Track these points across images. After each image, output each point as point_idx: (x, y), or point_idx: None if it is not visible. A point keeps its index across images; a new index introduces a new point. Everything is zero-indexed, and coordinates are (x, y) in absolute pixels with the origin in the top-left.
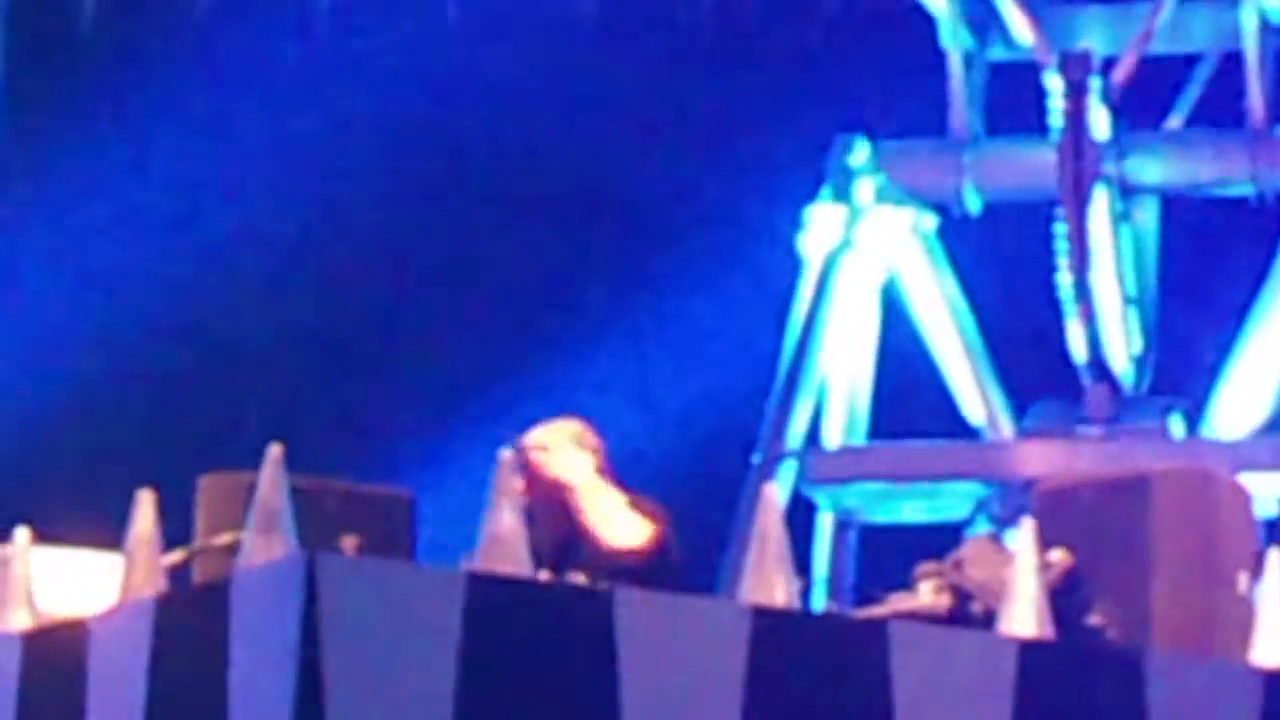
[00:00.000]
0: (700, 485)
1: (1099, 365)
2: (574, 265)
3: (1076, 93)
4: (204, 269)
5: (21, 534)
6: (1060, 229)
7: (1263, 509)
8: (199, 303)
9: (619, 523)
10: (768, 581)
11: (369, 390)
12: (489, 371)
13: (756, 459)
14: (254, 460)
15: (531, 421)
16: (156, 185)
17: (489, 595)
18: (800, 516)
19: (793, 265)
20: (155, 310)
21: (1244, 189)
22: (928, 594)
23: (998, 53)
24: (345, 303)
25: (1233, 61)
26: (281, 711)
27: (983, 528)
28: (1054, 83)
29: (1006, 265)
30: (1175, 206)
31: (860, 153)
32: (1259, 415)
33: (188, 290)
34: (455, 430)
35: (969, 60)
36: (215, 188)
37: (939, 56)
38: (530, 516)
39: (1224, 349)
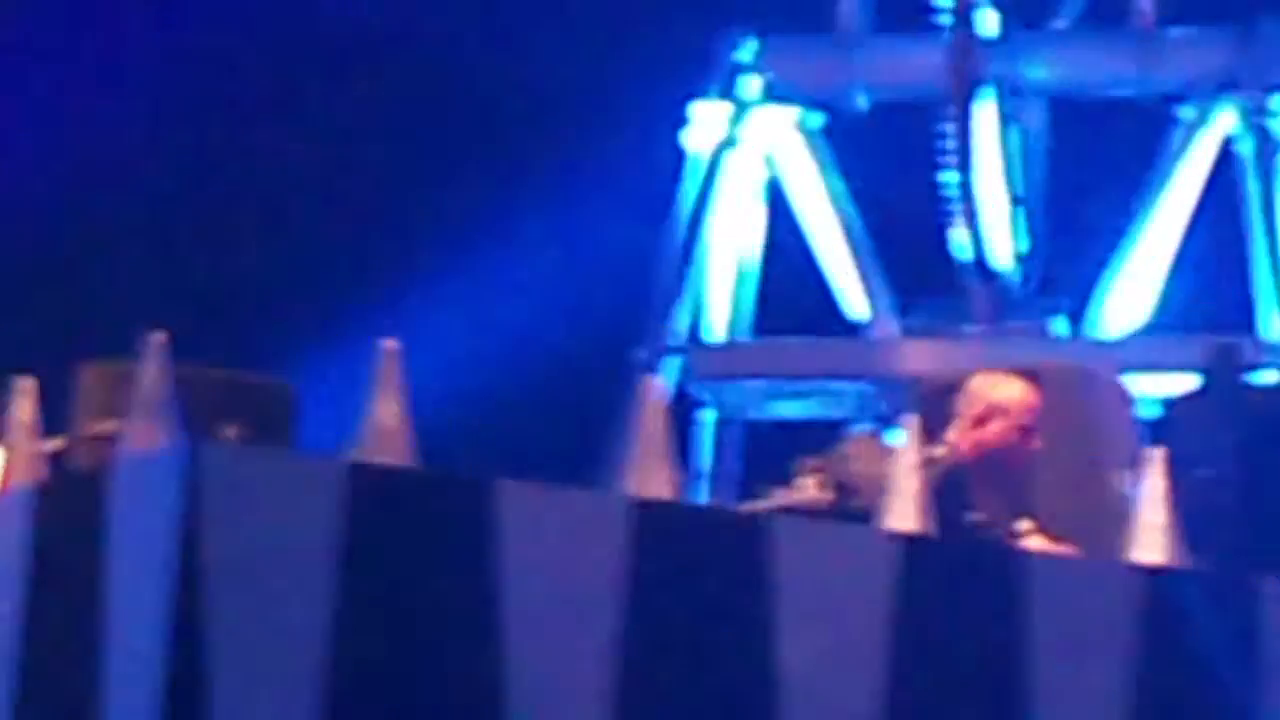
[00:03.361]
0: (585, 380)
1: (983, 265)
2: (457, 159)
3: None
4: (85, 156)
5: None
6: (947, 128)
7: (1145, 409)
8: (79, 191)
9: None
10: (650, 475)
11: (251, 278)
12: (372, 262)
13: (640, 354)
14: (133, 348)
15: (416, 314)
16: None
17: (370, 484)
18: (684, 411)
19: (678, 161)
20: (32, 195)
21: (1131, 90)
22: (810, 489)
23: None
24: (227, 190)
25: None
26: (161, 599)
27: (865, 424)
28: None
29: (892, 164)
30: (1062, 106)
31: (747, 49)
32: (1142, 316)
33: (67, 176)
34: (337, 320)
35: None
36: (83, 74)
37: None
38: None
39: (1109, 250)
